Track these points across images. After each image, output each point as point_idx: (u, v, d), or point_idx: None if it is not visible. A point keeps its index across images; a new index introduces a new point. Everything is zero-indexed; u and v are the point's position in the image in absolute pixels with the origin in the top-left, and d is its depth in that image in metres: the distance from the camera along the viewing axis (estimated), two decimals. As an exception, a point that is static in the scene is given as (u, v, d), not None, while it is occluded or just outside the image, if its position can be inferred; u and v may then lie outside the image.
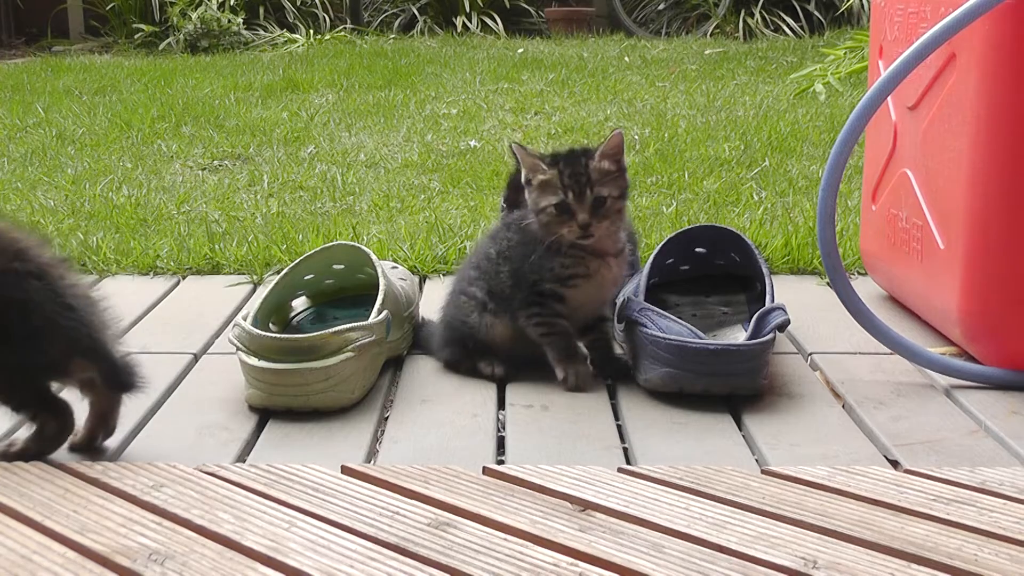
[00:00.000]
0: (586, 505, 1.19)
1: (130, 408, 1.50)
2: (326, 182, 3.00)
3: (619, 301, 1.64)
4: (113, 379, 1.31)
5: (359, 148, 3.49)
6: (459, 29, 6.79)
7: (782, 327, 1.54)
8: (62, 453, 1.35)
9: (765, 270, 1.75)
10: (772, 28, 6.49)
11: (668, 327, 1.54)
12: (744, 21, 6.49)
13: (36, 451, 1.33)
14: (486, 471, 1.28)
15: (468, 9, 6.90)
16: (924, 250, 1.72)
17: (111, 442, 1.39)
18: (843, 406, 1.53)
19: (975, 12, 1.48)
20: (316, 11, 6.82)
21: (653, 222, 2.47)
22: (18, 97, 4.61)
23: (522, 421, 1.48)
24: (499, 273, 1.62)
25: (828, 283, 1.90)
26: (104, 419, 1.37)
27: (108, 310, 1.33)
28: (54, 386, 1.35)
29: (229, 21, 6.36)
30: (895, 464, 1.34)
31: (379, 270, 1.69)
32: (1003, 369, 1.58)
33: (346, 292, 1.82)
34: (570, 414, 1.50)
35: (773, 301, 1.63)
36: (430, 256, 2.23)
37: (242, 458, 1.37)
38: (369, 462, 1.35)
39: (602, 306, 1.65)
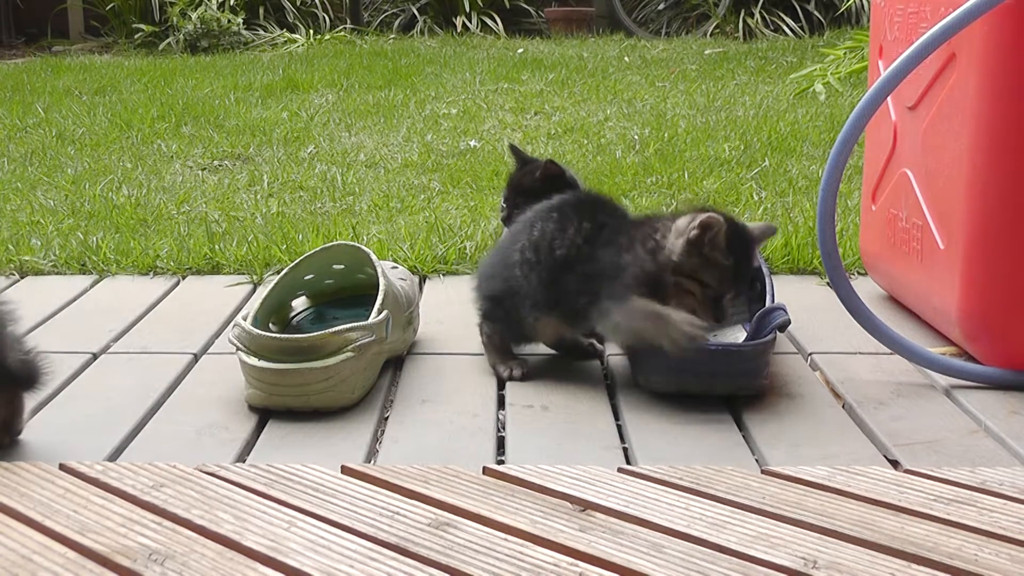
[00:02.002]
0: (586, 505, 1.19)
1: (130, 408, 1.51)
2: (326, 182, 3.00)
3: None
4: (20, 382, 1.35)
5: (359, 148, 3.49)
6: (459, 29, 6.80)
7: (782, 327, 1.54)
8: (63, 453, 1.36)
9: (765, 270, 1.75)
10: (772, 28, 6.49)
11: (668, 327, 1.54)
12: (744, 21, 6.49)
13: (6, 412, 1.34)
14: (486, 471, 1.28)
15: (468, 9, 6.90)
16: (924, 250, 1.72)
17: (111, 442, 1.40)
18: (843, 406, 1.53)
19: (975, 12, 1.48)
20: (316, 11, 6.82)
21: (653, 222, 2.47)
22: (18, 97, 4.61)
23: (522, 421, 1.48)
24: (571, 279, 1.54)
25: (828, 283, 1.90)
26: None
27: (13, 312, 1.36)
28: None
29: (229, 21, 6.36)
30: (895, 464, 1.34)
31: (379, 270, 1.69)
32: (1003, 369, 1.58)
33: (346, 292, 1.82)
34: (570, 414, 1.50)
35: (773, 301, 1.63)
36: (430, 256, 2.22)
37: (242, 458, 1.37)
38: (369, 462, 1.35)
39: None
